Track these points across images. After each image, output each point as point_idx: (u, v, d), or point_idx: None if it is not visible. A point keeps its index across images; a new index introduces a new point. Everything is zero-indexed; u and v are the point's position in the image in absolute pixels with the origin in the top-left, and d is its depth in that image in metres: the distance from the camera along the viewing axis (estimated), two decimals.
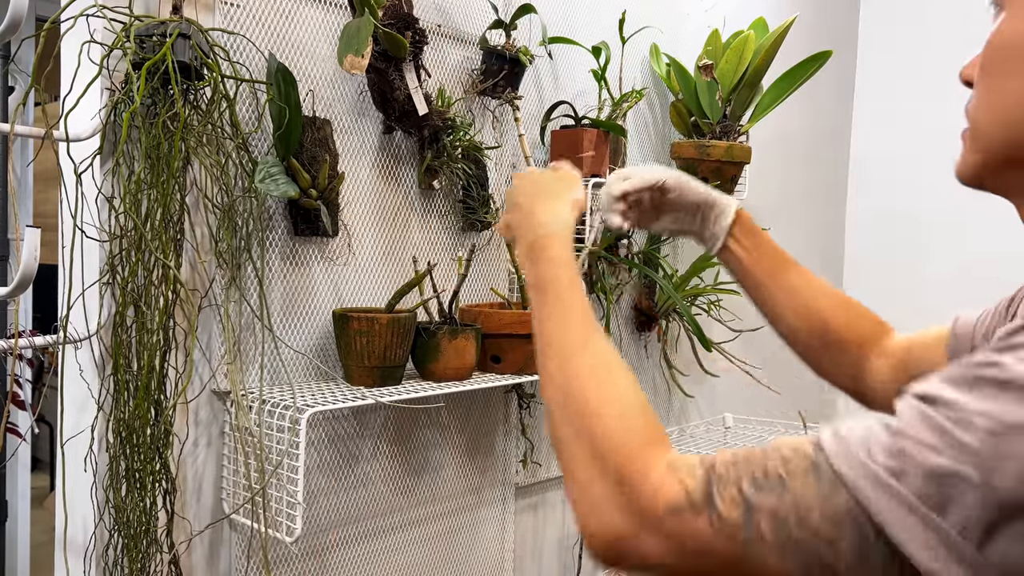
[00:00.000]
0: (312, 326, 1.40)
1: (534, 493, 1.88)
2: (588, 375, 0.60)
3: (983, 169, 0.59)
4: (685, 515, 0.50)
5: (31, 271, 0.98)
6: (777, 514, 0.47)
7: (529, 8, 1.58)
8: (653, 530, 0.52)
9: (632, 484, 0.53)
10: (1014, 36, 0.54)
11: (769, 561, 0.48)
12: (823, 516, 0.46)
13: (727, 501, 0.49)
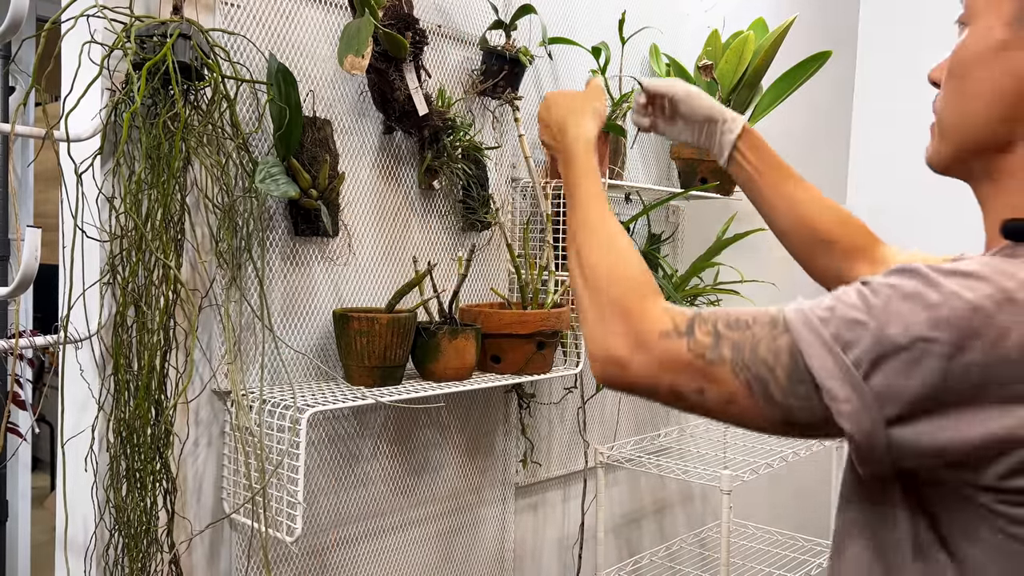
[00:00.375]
0: (312, 326, 1.40)
1: (534, 493, 1.88)
2: (605, 247, 0.78)
3: (948, 158, 0.70)
4: (671, 339, 0.67)
5: (32, 271, 0.99)
6: (737, 344, 0.63)
7: (529, 8, 1.59)
8: (645, 351, 0.68)
9: (635, 316, 0.70)
10: (975, 49, 0.66)
11: (725, 377, 0.63)
12: (769, 349, 0.62)
13: (703, 332, 0.65)
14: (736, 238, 1.97)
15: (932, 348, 0.55)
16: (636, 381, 0.69)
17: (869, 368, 0.57)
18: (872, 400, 0.57)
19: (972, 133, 0.67)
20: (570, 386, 1.88)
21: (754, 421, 0.64)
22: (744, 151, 0.99)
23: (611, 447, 2.00)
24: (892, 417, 0.57)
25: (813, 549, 2.20)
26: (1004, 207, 0.66)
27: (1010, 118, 0.64)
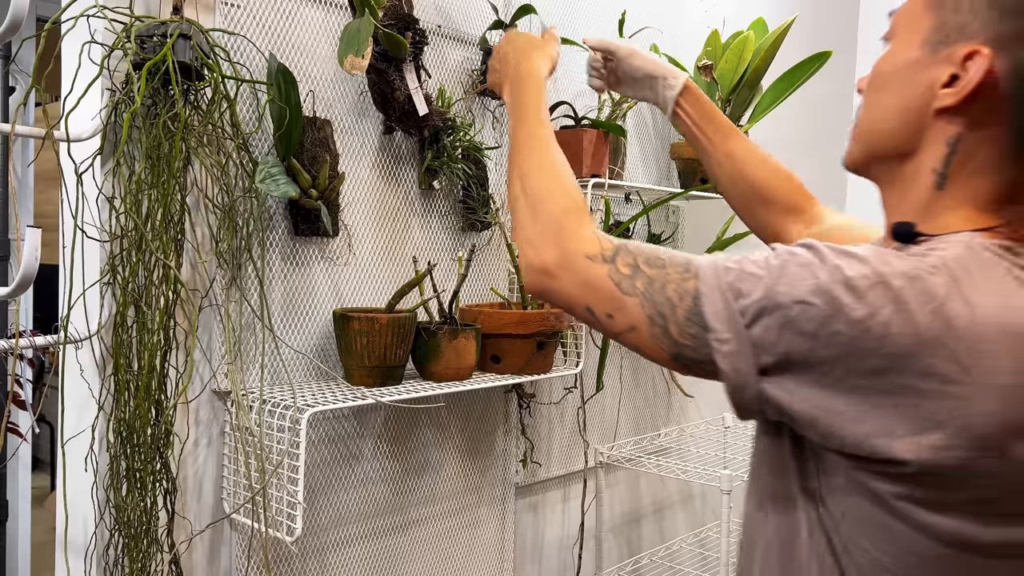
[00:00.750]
0: (312, 326, 1.40)
1: (534, 493, 1.88)
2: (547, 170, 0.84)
3: (859, 160, 0.76)
4: (595, 263, 0.73)
5: (32, 271, 0.99)
6: (650, 280, 0.70)
7: (529, 8, 1.59)
8: (571, 270, 0.74)
9: (567, 235, 0.76)
10: (892, 65, 0.72)
11: (633, 308, 0.70)
12: (676, 290, 0.68)
13: (623, 263, 0.72)
14: (736, 238, 1.97)
15: (808, 311, 0.62)
16: (559, 294, 0.76)
17: (752, 318, 0.64)
18: (749, 346, 0.64)
19: (880, 140, 0.73)
20: (570, 386, 1.88)
21: (649, 351, 0.71)
22: (685, 107, 1.06)
23: (611, 447, 2.00)
24: (764, 366, 0.64)
25: None
26: (900, 209, 0.72)
27: (914, 130, 0.70)
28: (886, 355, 0.60)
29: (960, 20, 0.67)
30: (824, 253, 0.64)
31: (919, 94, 0.69)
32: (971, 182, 0.68)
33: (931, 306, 0.60)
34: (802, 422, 0.65)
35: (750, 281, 0.65)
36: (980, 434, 0.60)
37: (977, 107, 0.66)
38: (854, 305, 0.61)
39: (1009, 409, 0.60)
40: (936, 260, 0.63)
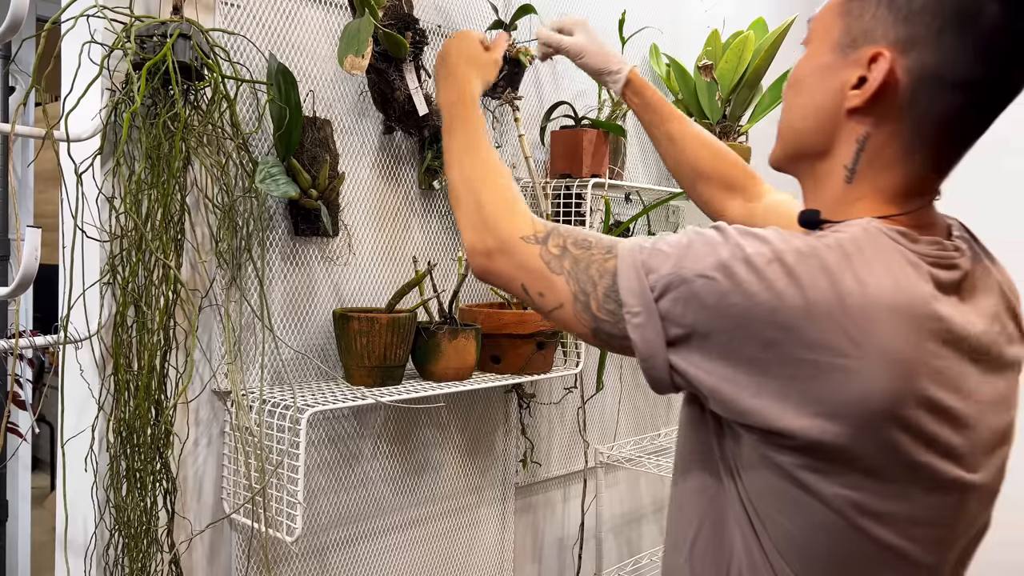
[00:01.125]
0: (312, 326, 1.40)
1: (534, 493, 1.88)
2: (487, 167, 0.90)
3: (781, 158, 0.81)
4: (529, 244, 0.79)
5: (32, 271, 0.99)
6: (576, 260, 0.75)
7: (529, 8, 1.59)
8: (507, 251, 0.80)
9: (504, 221, 0.82)
10: (807, 69, 0.77)
11: (561, 286, 0.76)
12: (598, 269, 0.73)
13: (554, 244, 0.78)
14: None
15: (709, 285, 0.66)
16: (500, 275, 0.82)
17: (661, 292, 0.68)
18: (657, 319, 0.69)
19: (800, 139, 0.77)
20: (570, 386, 1.88)
21: (574, 327, 0.76)
22: (630, 96, 1.18)
23: (611, 447, 2.00)
24: (671, 338, 0.69)
25: None
26: (816, 203, 0.77)
27: (829, 129, 0.74)
28: (778, 326, 0.64)
29: (865, 25, 0.71)
30: (729, 233, 0.69)
31: (832, 96, 0.73)
32: (878, 176, 0.72)
33: (824, 281, 0.64)
34: (706, 393, 0.69)
35: (660, 258, 0.70)
36: (867, 406, 0.63)
37: (881, 106, 0.71)
38: (750, 279, 0.65)
39: (896, 383, 0.63)
40: (831, 240, 0.67)
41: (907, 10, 0.68)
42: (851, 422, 0.64)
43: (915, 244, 0.69)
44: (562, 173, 1.72)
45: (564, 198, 1.72)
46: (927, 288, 0.67)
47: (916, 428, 0.65)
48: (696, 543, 0.77)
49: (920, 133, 0.70)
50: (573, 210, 1.70)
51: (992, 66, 0.67)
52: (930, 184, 0.73)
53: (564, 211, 1.72)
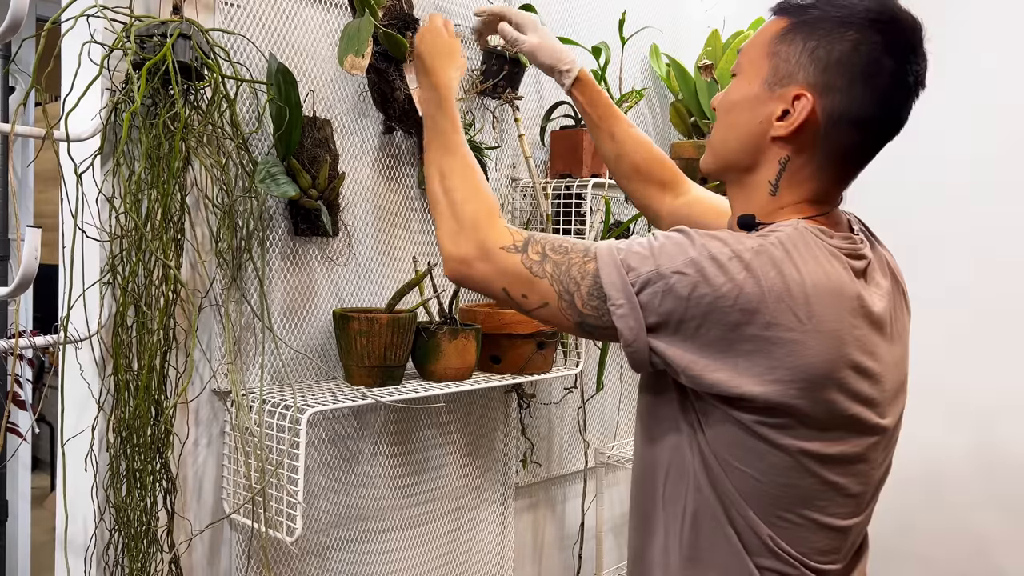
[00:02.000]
0: (312, 326, 1.40)
1: (534, 493, 1.88)
2: (467, 175, 0.97)
3: (712, 169, 0.95)
4: (509, 252, 0.88)
5: (32, 271, 0.99)
6: (557, 263, 0.86)
7: (529, 8, 1.58)
8: (488, 259, 0.89)
9: (483, 230, 0.90)
10: (738, 96, 0.91)
11: (544, 287, 0.86)
12: (579, 270, 0.84)
13: (534, 251, 0.87)
14: None
15: (682, 280, 0.80)
16: (478, 281, 0.90)
17: (640, 287, 0.81)
18: (639, 309, 0.81)
19: (728, 155, 0.92)
20: (570, 386, 1.88)
21: (560, 323, 0.87)
22: (576, 94, 1.25)
23: (611, 447, 2.00)
24: (651, 324, 0.81)
25: None
26: (748, 208, 0.91)
27: (755, 151, 0.89)
28: (740, 310, 0.79)
29: (791, 68, 0.86)
30: (694, 236, 0.82)
31: (759, 123, 0.88)
32: (796, 190, 0.89)
33: (773, 271, 0.79)
34: (680, 370, 0.82)
35: (637, 258, 0.82)
36: (813, 370, 0.79)
37: (801, 137, 0.86)
38: (717, 273, 0.79)
39: (832, 351, 0.80)
40: (774, 239, 0.82)
41: (825, 63, 0.85)
42: (800, 384, 0.80)
43: (832, 239, 0.85)
44: (562, 173, 1.72)
45: (564, 198, 1.72)
46: (846, 275, 0.83)
47: (847, 386, 0.82)
48: (666, 487, 0.92)
49: (829, 158, 0.87)
50: (573, 210, 1.70)
51: (887, 108, 0.86)
52: (835, 194, 0.91)
53: (564, 211, 1.72)
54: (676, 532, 0.91)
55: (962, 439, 2.54)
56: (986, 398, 2.50)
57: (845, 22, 0.85)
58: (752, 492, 0.85)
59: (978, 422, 2.52)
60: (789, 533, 0.86)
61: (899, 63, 0.85)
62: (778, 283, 0.79)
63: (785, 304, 0.79)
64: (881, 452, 0.91)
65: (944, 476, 2.58)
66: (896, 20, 0.85)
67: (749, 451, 0.84)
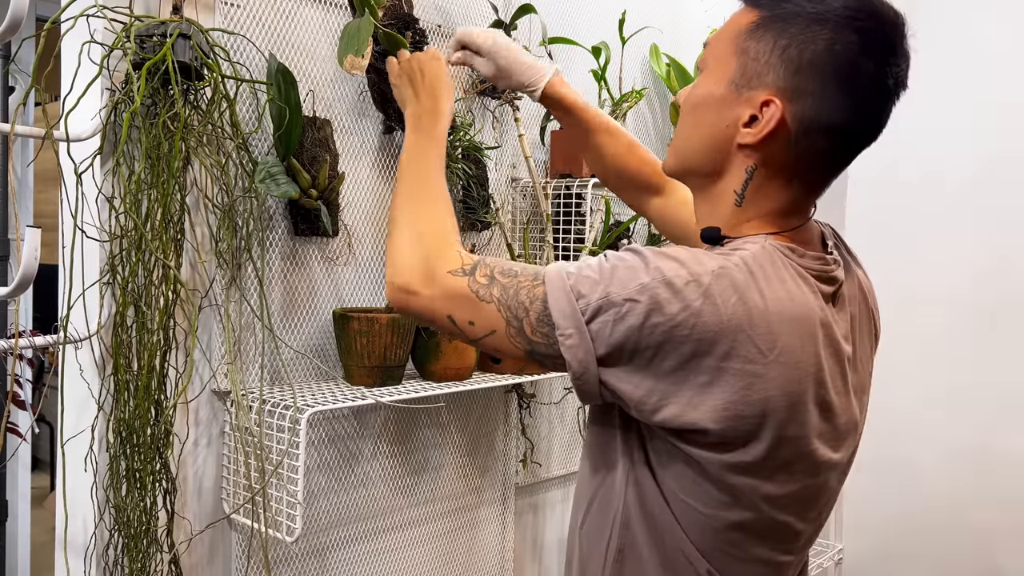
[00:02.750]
0: (312, 326, 1.40)
1: (534, 493, 1.88)
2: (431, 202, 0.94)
3: (673, 170, 0.89)
4: (457, 276, 0.82)
5: (31, 271, 0.99)
6: (504, 287, 0.80)
7: (529, 8, 1.58)
8: (433, 284, 0.83)
9: (433, 256, 0.85)
10: (702, 95, 0.84)
11: (491, 313, 0.80)
12: (528, 295, 0.78)
13: (482, 275, 0.81)
14: None
15: (635, 307, 0.73)
16: (421, 309, 0.85)
17: (591, 315, 0.74)
18: (589, 339, 0.75)
19: (691, 158, 0.86)
20: (570, 386, 1.88)
21: (507, 350, 0.81)
22: (549, 107, 1.22)
23: None
24: (601, 356, 0.75)
25: (813, 548, 2.20)
26: (711, 219, 0.85)
27: (720, 157, 0.83)
28: (697, 340, 0.72)
29: (759, 69, 0.79)
30: (648, 257, 0.76)
31: (724, 127, 0.82)
32: (763, 201, 0.82)
33: (734, 297, 0.73)
34: (631, 403, 0.76)
35: (587, 284, 0.76)
36: (772, 404, 0.74)
37: (769, 145, 0.80)
38: (671, 300, 0.72)
39: (794, 385, 0.75)
40: (737, 259, 0.75)
41: (797, 64, 0.77)
42: (757, 419, 0.74)
43: (802, 259, 0.80)
44: (562, 173, 1.72)
45: (564, 198, 1.72)
46: (814, 300, 0.78)
47: (806, 421, 0.77)
48: (588, 516, 0.88)
49: (800, 167, 0.81)
50: (573, 210, 1.70)
51: (864, 113, 0.80)
52: (806, 206, 0.85)
53: (564, 211, 1.72)
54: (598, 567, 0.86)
55: (963, 438, 2.54)
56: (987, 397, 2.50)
57: (820, 19, 0.77)
58: (695, 525, 0.81)
59: (979, 422, 2.52)
60: (729, 568, 0.82)
61: (878, 64, 0.77)
62: (739, 311, 0.72)
63: (745, 334, 0.72)
64: (830, 488, 0.86)
65: (944, 475, 2.58)
66: (875, 16, 0.78)
67: (697, 485, 0.79)
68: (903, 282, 2.63)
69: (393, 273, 0.87)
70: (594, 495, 0.87)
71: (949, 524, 2.58)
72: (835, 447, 0.82)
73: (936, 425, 2.59)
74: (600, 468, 0.87)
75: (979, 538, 2.53)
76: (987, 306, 2.49)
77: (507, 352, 0.81)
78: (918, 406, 2.61)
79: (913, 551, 2.66)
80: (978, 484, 2.52)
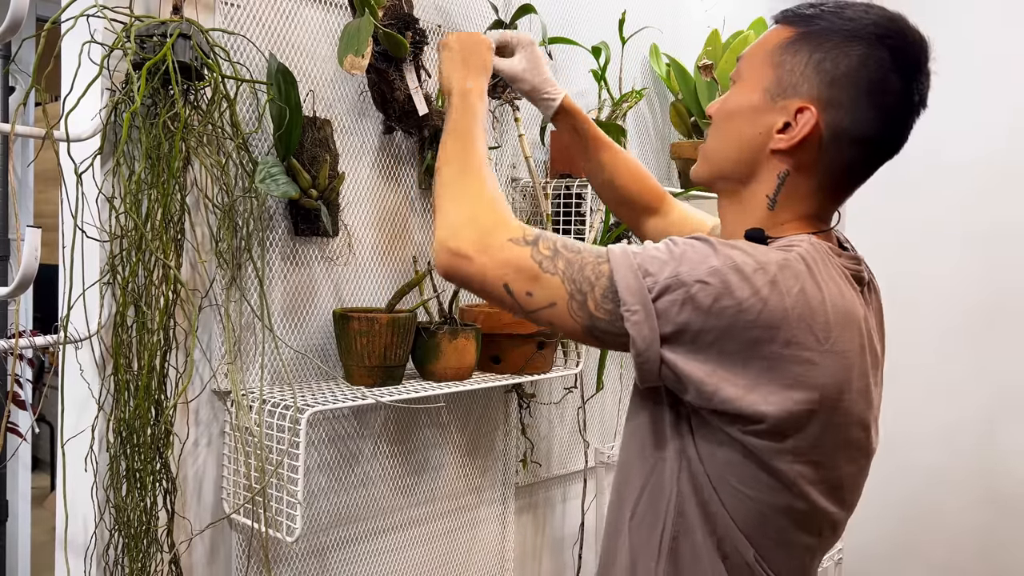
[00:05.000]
0: (312, 326, 1.40)
1: (534, 493, 1.88)
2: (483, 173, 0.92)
3: (705, 177, 0.92)
4: (518, 245, 0.82)
5: (32, 271, 0.99)
6: (569, 261, 0.81)
7: (529, 8, 1.58)
8: (486, 251, 0.82)
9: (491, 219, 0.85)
10: (737, 104, 0.88)
11: (555, 285, 0.80)
12: (593, 271, 0.80)
13: (545, 247, 0.82)
14: None
15: (705, 289, 0.75)
16: (474, 276, 0.83)
17: (658, 293, 0.76)
18: (654, 316, 0.77)
19: (724, 164, 0.89)
20: (570, 386, 1.88)
21: (565, 325, 0.81)
22: (559, 122, 1.23)
23: (611, 447, 2.00)
24: (666, 334, 0.77)
25: None
26: (742, 220, 0.88)
27: (752, 161, 0.87)
28: (762, 326, 0.75)
29: (794, 80, 0.84)
30: (716, 244, 0.79)
31: (758, 134, 0.86)
32: (795, 206, 0.86)
33: (797, 287, 0.77)
34: (689, 384, 0.78)
35: (655, 264, 0.78)
36: (824, 392, 0.78)
37: (801, 151, 0.84)
38: (741, 285, 0.76)
39: (844, 373, 0.79)
40: (796, 254, 0.79)
41: (831, 76, 0.82)
42: (811, 405, 0.77)
43: (840, 258, 0.84)
44: (562, 173, 1.72)
45: (564, 198, 1.72)
46: (857, 297, 0.82)
47: (852, 410, 0.81)
48: (638, 506, 0.89)
49: (828, 174, 0.85)
50: (573, 210, 1.70)
51: (890, 126, 0.84)
52: (832, 211, 0.89)
53: (564, 211, 1.72)
54: (651, 557, 0.87)
55: (963, 438, 2.54)
56: (987, 396, 2.50)
57: (853, 36, 0.82)
58: (742, 511, 0.83)
59: (979, 421, 2.52)
60: (772, 554, 0.85)
61: (905, 81, 0.83)
62: (801, 300, 0.76)
63: (806, 323, 0.76)
64: (864, 478, 0.90)
65: (944, 475, 2.58)
66: (904, 37, 0.83)
67: (747, 471, 0.81)
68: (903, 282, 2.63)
69: (447, 236, 0.85)
70: (644, 484, 0.88)
71: (949, 524, 2.58)
72: (870, 435, 0.86)
73: (936, 425, 2.59)
74: (649, 457, 0.88)
75: (979, 538, 2.53)
76: (988, 305, 2.49)
77: (562, 326, 0.82)
78: (918, 406, 2.61)
79: (913, 551, 2.66)
80: (978, 484, 2.52)
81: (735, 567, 0.84)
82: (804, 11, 0.86)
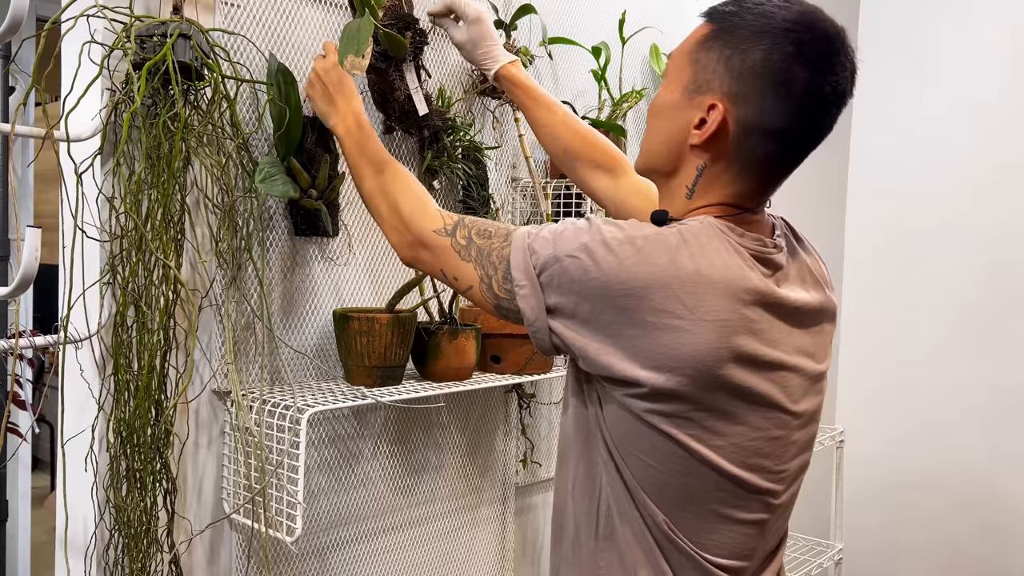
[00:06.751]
0: (312, 326, 1.40)
1: (534, 493, 1.88)
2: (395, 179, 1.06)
3: (643, 170, 0.98)
4: (441, 235, 0.96)
5: (32, 271, 0.99)
6: (480, 248, 0.92)
7: (529, 8, 1.58)
8: (423, 245, 0.98)
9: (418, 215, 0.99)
10: (661, 102, 0.93)
11: (469, 271, 0.92)
12: (497, 255, 0.90)
13: (461, 235, 0.94)
14: None
15: (575, 263, 0.83)
16: (426, 263, 0.98)
17: (541, 269, 0.85)
18: (539, 290, 0.85)
19: (654, 159, 0.95)
20: None
21: (481, 303, 0.92)
22: (501, 85, 1.32)
23: None
24: (549, 306, 0.85)
25: (813, 548, 2.20)
26: (669, 209, 0.93)
27: (676, 155, 0.91)
28: (628, 294, 0.81)
29: (708, 76, 0.87)
30: (594, 222, 0.86)
31: (679, 131, 0.90)
32: (711, 194, 0.90)
33: (664, 258, 0.81)
34: (575, 352, 0.85)
35: (540, 243, 0.86)
36: (698, 358, 0.80)
37: (715, 145, 0.88)
38: (607, 257, 0.82)
39: (720, 339, 0.81)
40: (675, 230, 0.84)
41: (739, 72, 0.85)
42: (686, 371, 0.81)
43: (741, 238, 0.86)
44: (562, 173, 1.72)
45: (564, 198, 1.72)
46: (748, 270, 0.84)
47: (737, 377, 0.82)
48: (576, 481, 0.93)
49: (744, 166, 0.88)
50: (573, 210, 1.70)
51: (801, 119, 0.86)
52: (757, 199, 0.91)
53: (564, 211, 1.72)
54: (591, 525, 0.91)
55: (963, 438, 2.55)
56: (988, 397, 2.50)
57: (761, 31, 0.84)
58: (651, 481, 0.86)
59: (979, 421, 2.52)
60: (692, 525, 0.87)
61: (812, 73, 0.83)
62: (667, 269, 0.81)
63: (673, 291, 0.80)
64: (792, 445, 0.90)
65: (944, 475, 2.58)
66: (812, 29, 0.84)
67: (644, 440, 0.85)
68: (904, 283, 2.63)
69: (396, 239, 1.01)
70: (580, 454, 0.93)
71: (949, 524, 2.58)
72: (790, 397, 0.88)
73: (936, 425, 2.59)
74: (581, 429, 0.93)
75: (979, 538, 2.53)
76: (989, 307, 2.49)
77: (481, 305, 0.93)
78: (918, 406, 2.61)
79: (913, 551, 2.66)
80: (978, 484, 2.52)
81: (659, 537, 0.87)
82: (724, 7, 0.89)
